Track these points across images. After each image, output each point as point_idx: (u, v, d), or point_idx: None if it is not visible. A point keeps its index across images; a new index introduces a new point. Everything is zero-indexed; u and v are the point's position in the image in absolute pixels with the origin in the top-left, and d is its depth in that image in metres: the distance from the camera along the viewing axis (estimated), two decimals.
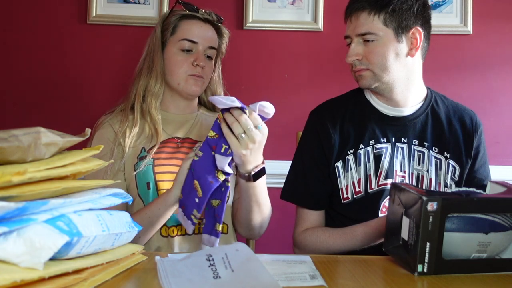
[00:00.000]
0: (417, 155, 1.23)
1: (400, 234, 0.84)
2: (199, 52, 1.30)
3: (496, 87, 1.96)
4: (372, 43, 1.17)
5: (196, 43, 1.30)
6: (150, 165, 1.24)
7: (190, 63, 1.29)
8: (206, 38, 1.31)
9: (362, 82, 1.23)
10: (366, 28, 1.17)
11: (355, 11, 1.19)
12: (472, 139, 1.26)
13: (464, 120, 1.28)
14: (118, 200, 0.77)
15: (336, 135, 1.24)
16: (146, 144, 1.28)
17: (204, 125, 1.38)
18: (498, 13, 1.95)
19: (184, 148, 1.30)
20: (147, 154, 1.25)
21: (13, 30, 1.93)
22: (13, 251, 0.55)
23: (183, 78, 1.30)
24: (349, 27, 1.21)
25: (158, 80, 1.31)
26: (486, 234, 0.83)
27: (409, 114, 1.25)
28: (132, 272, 0.77)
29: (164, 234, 1.23)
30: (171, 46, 1.31)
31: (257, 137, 1.02)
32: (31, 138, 0.60)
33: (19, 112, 1.92)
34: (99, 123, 1.33)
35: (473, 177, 1.26)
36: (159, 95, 1.32)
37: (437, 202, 0.78)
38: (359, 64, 1.20)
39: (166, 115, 1.35)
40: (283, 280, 0.73)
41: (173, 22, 1.31)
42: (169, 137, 1.31)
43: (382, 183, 1.20)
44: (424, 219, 0.78)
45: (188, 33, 1.30)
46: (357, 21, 1.18)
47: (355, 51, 1.19)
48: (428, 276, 0.80)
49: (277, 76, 1.95)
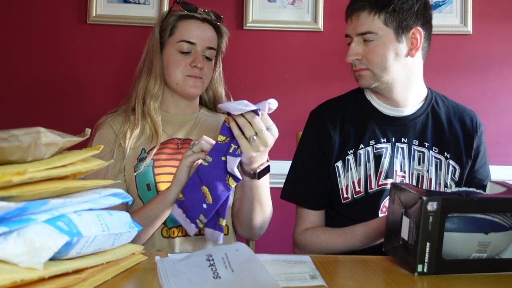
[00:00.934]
0: (417, 155, 1.23)
1: (400, 234, 0.84)
2: (197, 53, 1.30)
3: (496, 87, 1.96)
4: (372, 43, 1.17)
5: (194, 44, 1.29)
6: (150, 166, 1.24)
7: (188, 64, 1.29)
8: (204, 39, 1.30)
9: (361, 82, 1.23)
10: (366, 28, 1.17)
11: (355, 10, 1.19)
12: (473, 139, 1.26)
13: (464, 120, 1.28)
14: (118, 200, 0.77)
15: (336, 135, 1.24)
16: (146, 145, 1.28)
17: (204, 125, 1.37)
18: (498, 13, 1.95)
19: (184, 149, 1.29)
20: (147, 155, 1.25)
21: (13, 30, 1.93)
22: (13, 251, 0.55)
23: (181, 79, 1.29)
24: (350, 26, 1.21)
25: (157, 81, 1.31)
26: (486, 234, 0.83)
27: (409, 114, 1.25)
28: (132, 272, 0.77)
29: (165, 235, 1.23)
30: (170, 47, 1.31)
31: (269, 140, 1.00)
32: (31, 138, 0.60)
33: (19, 112, 1.92)
34: (99, 123, 1.33)
35: (473, 178, 1.26)
36: (158, 96, 1.32)
37: (437, 202, 0.78)
38: (358, 64, 1.20)
39: (167, 115, 1.35)
40: (283, 280, 0.73)
41: (171, 23, 1.31)
42: (169, 138, 1.31)
43: (382, 183, 1.20)
44: (424, 219, 0.78)
45: (186, 34, 1.29)
46: (358, 21, 1.18)
47: (355, 51, 1.19)
48: (428, 276, 0.80)
49: (277, 76, 1.95)
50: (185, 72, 1.29)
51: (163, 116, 1.34)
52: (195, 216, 1.06)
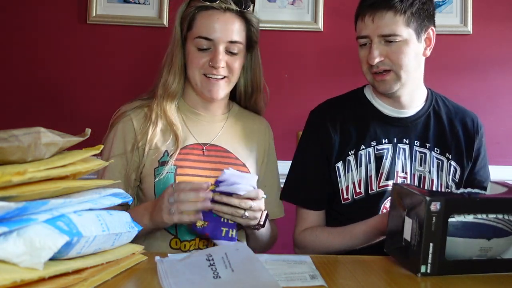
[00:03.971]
0: (419, 156, 1.23)
1: (402, 235, 0.84)
2: (217, 51, 1.15)
3: (496, 87, 1.95)
4: (395, 44, 1.15)
5: (212, 41, 1.15)
6: (172, 173, 1.15)
7: (206, 63, 1.17)
8: (225, 33, 1.15)
9: (384, 87, 1.19)
10: (391, 29, 1.14)
11: (378, 11, 1.14)
12: (473, 140, 1.26)
13: (465, 122, 1.27)
14: (118, 200, 0.77)
15: (336, 136, 1.24)
16: (170, 147, 1.18)
17: (234, 128, 1.28)
18: (498, 13, 1.95)
19: (211, 156, 1.21)
20: (170, 159, 1.15)
21: (13, 30, 1.93)
22: (13, 251, 0.55)
23: (199, 79, 1.18)
24: (369, 27, 1.16)
25: (176, 78, 1.20)
26: (488, 240, 0.82)
27: (411, 115, 1.24)
28: (132, 272, 0.77)
29: (174, 246, 1.16)
30: (190, 43, 1.19)
31: (262, 206, 1.03)
32: (31, 138, 0.60)
33: (19, 112, 1.92)
34: (120, 112, 1.22)
35: (473, 179, 1.26)
36: (176, 94, 1.21)
37: (440, 203, 0.77)
38: (381, 65, 1.17)
39: (195, 114, 1.25)
40: (283, 280, 0.73)
41: (189, 14, 1.18)
42: (195, 143, 1.21)
43: (383, 185, 1.20)
44: (427, 219, 0.77)
45: (204, 29, 1.16)
46: (381, 21, 1.14)
47: (378, 52, 1.16)
48: (428, 277, 0.80)
49: (277, 76, 1.95)
50: (203, 71, 1.17)
51: (192, 115, 1.25)
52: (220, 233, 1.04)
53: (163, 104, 1.20)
